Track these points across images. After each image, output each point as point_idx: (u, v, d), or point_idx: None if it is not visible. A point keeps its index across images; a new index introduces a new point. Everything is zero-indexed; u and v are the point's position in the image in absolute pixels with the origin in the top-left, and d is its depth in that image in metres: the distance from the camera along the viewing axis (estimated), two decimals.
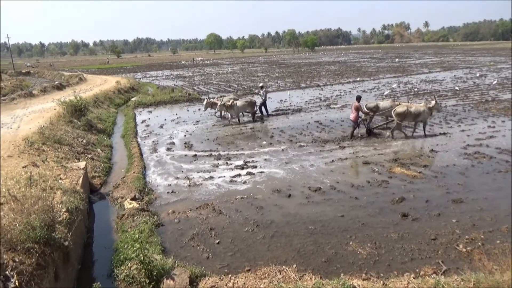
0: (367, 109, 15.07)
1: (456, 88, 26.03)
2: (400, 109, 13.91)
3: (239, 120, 18.39)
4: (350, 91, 27.18)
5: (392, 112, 14.13)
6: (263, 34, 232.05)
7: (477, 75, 34.30)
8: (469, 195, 8.85)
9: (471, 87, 26.17)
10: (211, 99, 19.39)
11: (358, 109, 14.03)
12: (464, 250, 6.64)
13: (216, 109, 18.45)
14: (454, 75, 35.11)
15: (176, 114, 21.05)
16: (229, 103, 17.89)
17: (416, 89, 26.36)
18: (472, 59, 57.59)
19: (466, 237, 7.04)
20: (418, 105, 14.15)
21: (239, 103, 18.12)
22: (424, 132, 14.23)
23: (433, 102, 14.28)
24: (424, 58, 64.65)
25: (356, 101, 14.23)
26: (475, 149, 12.15)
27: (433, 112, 14.69)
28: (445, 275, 5.87)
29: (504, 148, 12.11)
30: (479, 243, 6.79)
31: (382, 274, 6.03)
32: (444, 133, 14.29)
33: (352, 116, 14.18)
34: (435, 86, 27.88)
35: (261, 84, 20.65)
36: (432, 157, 11.71)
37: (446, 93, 23.91)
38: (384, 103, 15.45)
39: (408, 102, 15.29)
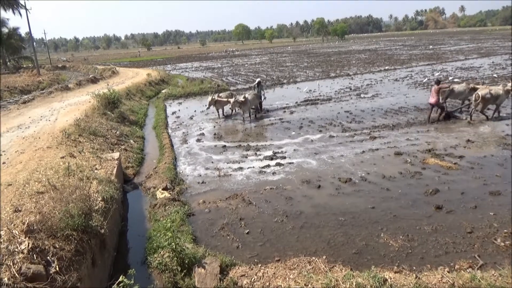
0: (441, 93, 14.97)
1: (494, 75, 24.83)
2: (483, 91, 14.04)
3: (250, 115, 17.17)
4: (381, 80, 26.51)
5: (474, 95, 14.27)
6: (291, 24, 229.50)
7: None
8: (507, 187, 8.48)
9: (466, 79, 24.89)
10: (216, 97, 17.67)
11: (438, 92, 14.19)
12: (502, 244, 6.39)
13: (230, 106, 16.95)
14: (492, 62, 33.51)
15: (206, 106, 21.24)
16: (242, 98, 16.46)
17: (451, 77, 25.38)
18: None
19: (505, 231, 6.77)
20: (497, 88, 14.29)
21: (249, 96, 16.77)
22: (493, 115, 14.39)
23: (509, 85, 14.29)
24: (459, 45, 62.02)
25: (436, 84, 14.31)
26: None
27: (509, 94, 14.64)
28: (482, 269, 5.68)
29: None
30: None
31: (414, 267, 5.91)
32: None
33: (432, 100, 14.29)
34: (472, 74, 26.73)
35: (258, 80, 18.94)
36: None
37: (484, 81, 22.87)
38: (459, 87, 15.53)
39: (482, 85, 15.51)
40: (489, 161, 10.11)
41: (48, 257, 4.88)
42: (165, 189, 9.47)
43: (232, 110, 17.45)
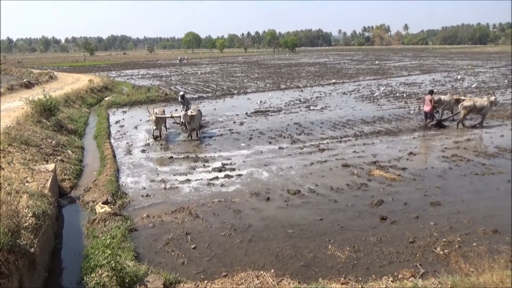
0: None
1: (435, 91, 26.67)
2: (467, 103, 15.70)
3: (198, 133, 15.66)
4: (330, 93, 27.49)
5: (460, 105, 15.99)
6: (242, 34, 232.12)
7: (458, 77, 35.20)
8: (446, 198, 9.07)
9: (450, 90, 26.87)
10: (158, 113, 15.51)
11: (431, 101, 15.92)
12: (441, 253, 6.79)
13: (180, 120, 15.49)
14: (433, 78, 36.02)
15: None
16: (194, 112, 15.13)
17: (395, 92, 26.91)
18: (451, 62, 59.23)
19: (444, 239, 7.21)
20: (482, 100, 15.96)
21: (195, 112, 15.30)
22: (481, 123, 15.93)
23: (493, 97, 16.05)
24: (403, 61, 66.04)
25: (430, 94, 16.25)
26: (453, 152, 12.48)
27: (493, 106, 16.32)
28: (423, 278, 5.98)
29: (480, 151, 12.49)
30: (456, 246, 6.97)
31: (360, 278, 6.10)
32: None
33: (427, 108, 16.09)
34: (414, 89, 28.52)
35: (181, 93, 17.93)
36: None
37: (425, 96, 24.41)
38: (445, 97, 17.30)
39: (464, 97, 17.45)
40: (430, 173, 10.77)
41: None
42: (105, 203, 9.08)
43: (183, 126, 15.72)
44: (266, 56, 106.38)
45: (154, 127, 15.38)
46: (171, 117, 16.61)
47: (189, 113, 15.05)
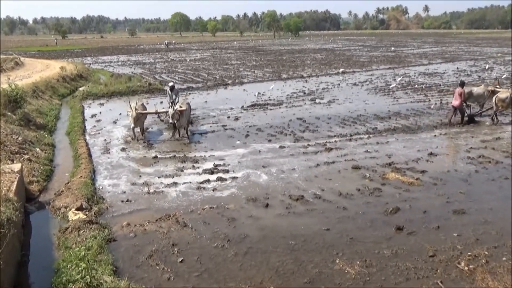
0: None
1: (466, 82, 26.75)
2: (502, 95, 15.84)
3: (187, 132, 15.42)
4: (339, 84, 27.53)
5: (494, 98, 16.02)
6: (238, 15, 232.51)
7: (486, 67, 35.26)
8: (472, 205, 9.10)
9: (476, 81, 26.98)
10: (138, 109, 14.83)
11: (461, 95, 15.72)
12: (466, 268, 6.81)
13: (169, 117, 14.73)
14: (457, 68, 36.14)
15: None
16: (183, 107, 14.80)
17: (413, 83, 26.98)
18: (478, 49, 59.48)
19: (469, 253, 7.23)
20: None
21: (185, 106, 15.16)
22: None
23: None
24: (423, 48, 66.25)
25: (460, 87, 15.95)
26: (480, 153, 12.52)
27: None
28: None
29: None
30: (483, 261, 6.98)
31: None
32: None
33: (456, 102, 15.91)
34: (435, 80, 28.61)
35: (171, 84, 17.42)
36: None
37: (448, 88, 24.57)
38: (477, 90, 17.13)
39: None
40: (453, 177, 10.81)
41: None
42: (79, 209, 9.07)
43: (174, 123, 14.73)
44: (265, 41, 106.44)
45: (133, 125, 14.70)
46: (156, 113, 16.14)
47: (177, 107, 14.60)
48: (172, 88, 16.78)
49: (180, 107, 14.81)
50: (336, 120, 17.18)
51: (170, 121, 14.77)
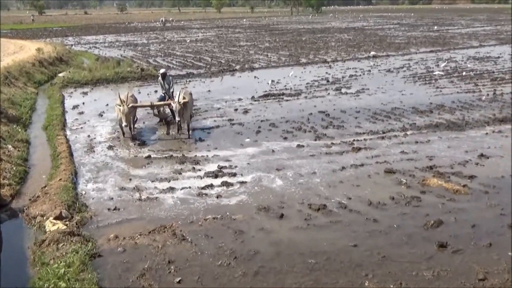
0: None
1: None
2: None
3: (189, 128, 15.20)
4: (369, 71, 27.40)
5: None
6: None
7: None
8: None
9: None
10: (128, 103, 14.47)
11: None
12: None
13: (175, 112, 14.65)
14: None
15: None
16: (185, 98, 14.70)
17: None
18: None
19: None
20: None
21: (188, 96, 15.13)
22: None
23: None
24: (473, 26, 65.61)
25: None
26: None
27: None
28: None
29: None
30: None
31: None
32: None
33: None
34: (488, 66, 28.31)
35: (162, 70, 17.27)
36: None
37: (503, 76, 24.30)
38: None
39: None
40: (508, 184, 10.67)
41: None
42: (58, 218, 9.14)
43: (178, 118, 14.56)
44: (280, 19, 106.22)
45: (125, 123, 14.29)
46: (152, 106, 15.98)
47: (180, 98, 14.36)
48: (164, 75, 16.68)
49: (184, 98, 14.62)
50: (365, 114, 17.11)
51: (177, 118, 14.52)
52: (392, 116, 16.73)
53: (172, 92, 16.37)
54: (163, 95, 16.42)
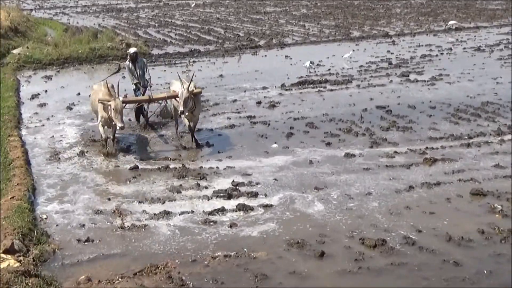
0: None
1: None
2: None
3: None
4: (450, 49, 27.23)
5: None
6: None
7: None
8: None
9: None
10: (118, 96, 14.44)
11: None
12: None
13: (180, 106, 14.02)
14: None
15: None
16: (195, 89, 14.55)
17: None
18: None
19: None
20: None
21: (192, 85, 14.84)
22: None
23: None
24: None
25: None
26: None
27: None
28: None
29: None
30: None
31: None
32: None
33: None
34: None
35: (132, 50, 17.31)
36: None
37: None
38: None
39: None
40: None
41: None
42: (9, 251, 9.22)
43: (181, 108, 14.05)
44: None
45: (121, 124, 13.72)
46: (149, 100, 15.71)
47: (191, 87, 14.03)
48: (134, 57, 16.37)
49: (194, 89, 14.26)
50: (444, 111, 17.01)
51: (181, 108, 13.93)
52: (483, 115, 16.56)
53: (149, 80, 16.29)
54: (134, 86, 16.36)
